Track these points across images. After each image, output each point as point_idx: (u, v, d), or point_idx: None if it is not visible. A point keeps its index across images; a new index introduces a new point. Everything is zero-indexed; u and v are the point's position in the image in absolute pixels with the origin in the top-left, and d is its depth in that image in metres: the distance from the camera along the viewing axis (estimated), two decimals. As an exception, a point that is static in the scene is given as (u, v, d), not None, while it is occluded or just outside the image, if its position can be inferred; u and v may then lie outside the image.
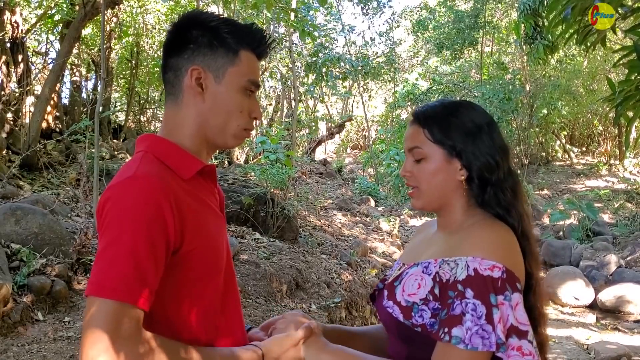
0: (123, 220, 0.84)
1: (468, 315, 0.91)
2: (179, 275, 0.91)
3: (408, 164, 1.10)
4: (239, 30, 1.00)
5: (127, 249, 0.82)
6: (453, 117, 1.07)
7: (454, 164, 1.06)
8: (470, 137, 1.05)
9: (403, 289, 1.03)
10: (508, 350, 0.91)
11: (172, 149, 0.98)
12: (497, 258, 0.94)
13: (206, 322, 0.96)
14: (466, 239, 1.00)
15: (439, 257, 1.02)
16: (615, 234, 8.92)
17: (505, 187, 1.05)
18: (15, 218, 3.28)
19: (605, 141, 15.41)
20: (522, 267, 0.99)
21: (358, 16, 19.82)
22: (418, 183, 1.08)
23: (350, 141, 20.23)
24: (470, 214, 1.07)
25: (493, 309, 0.90)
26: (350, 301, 4.60)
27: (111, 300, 0.80)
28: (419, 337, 0.98)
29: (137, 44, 9.16)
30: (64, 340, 2.56)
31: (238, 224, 5.21)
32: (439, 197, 1.07)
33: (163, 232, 0.86)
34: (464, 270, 0.95)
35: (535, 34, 6.39)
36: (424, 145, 1.07)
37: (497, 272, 0.93)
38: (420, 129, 1.08)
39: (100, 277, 0.82)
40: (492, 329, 0.89)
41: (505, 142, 1.09)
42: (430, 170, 1.06)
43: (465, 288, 0.93)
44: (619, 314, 6.43)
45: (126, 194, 0.87)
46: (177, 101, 1.00)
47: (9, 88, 6.43)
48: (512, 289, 0.93)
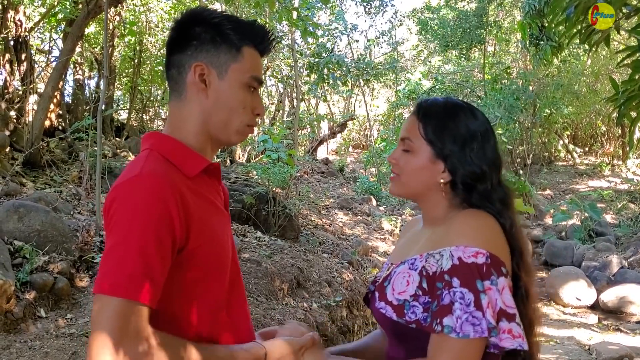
0: (130, 219, 0.85)
1: (457, 304, 0.91)
2: (185, 273, 0.92)
3: (397, 151, 1.12)
4: (241, 27, 1.01)
5: (135, 247, 0.83)
6: (450, 120, 1.07)
7: (437, 165, 1.07)
8: (460, 143, 1.05)
9: (393, 288, 1.04)
10: (500, 333, 0.91)
11: (178, 147, 0.98)
12: (480, 244, 0.95)
13: (212, 319, 0.97)
14: (449, 229, 1.01)
15: (424, 251, 1.03)
16: (617, 234, 8.90)
17: (493, 198, 1.04)
18: (18, 215, 3.29)
19: (609, 141, 15.36)
20: (506, 251, 0.99)
21: (361, 15, 19.77)
22: (400, 172, 1.10)
23: (352, 140, 20.22)
24: (453, 209, 1.07)
25: (481, 295, 0.91)
26: (351, 300, 4.60)
27: (119, 298, 0.80)
28: (415, 333, 0.99)
29: (140, 43, 9.17)
30: (66, 337, 2.57)
31: (240, 223, 5.22)
32: (417, 191, 1.10)
33: (170, 230, 0.87)
34: (449, 260, 0.96)
35: (542, 35, 6.36)
36: (415, 139, 1.08)
37: (482, 258, 0.94)
38: (417, 122, 1.09)
39: (108, 275, 0.82)
40: (482, 315, 0.90)
41: (499, 153, 1.09)
42: (414, 164, 1.08)
43: (451, 277, 0.94)
44: (621, 314, 6.41)
45: (133, 192, 0.87)
46: (181, 97, 1.00)
47: (13, 86, 6.45)
48: (498, 274, 0.94)
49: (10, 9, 6.24)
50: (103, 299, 0.81)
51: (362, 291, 4.80)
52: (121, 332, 0.79)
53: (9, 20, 6.26)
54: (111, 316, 0.79)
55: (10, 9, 6.25)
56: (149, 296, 0.83)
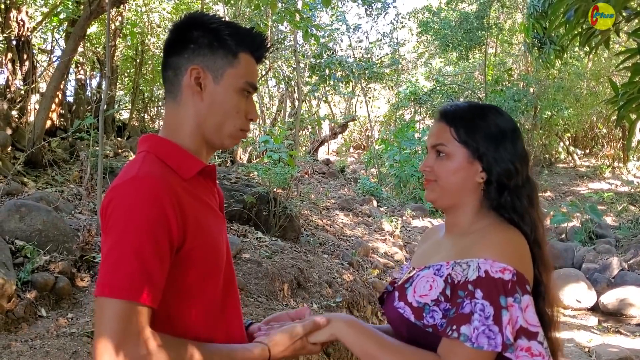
0: (127, 221, 0.86)
1: (476, 314, 0.93)
2: (180, 274, 0.93)
3: (430, 159, 1.12)
4: (239, 33, 1.02)
5: (133, 248, 0.84)
6: (480, 120, 1.09)
7: (475, 165, 1.08)
8: (493, 141, 1.07)
9: (414, 290, 1.05)
10: (517, 351, 0.92)
11: (174, 149, 1.00)
12: (508, 261, 0.96)
13: (206, 320, 0.98)
14: (478, 241, 1.02)
15: (451, 259, 1.04)
16: (618, 236, 8.89)
17: (522, 194, 1.07)
18: (19, 215, 3.30)
19: (609, 143, 15.35)
20: (531, 271, 1.01)
21: (362, 17, 19.78)
22: (437, 178, 1.10)
23: (353, 141, 20.22)
24: (480, 217, 1.09)
25: (502, 311, 0.92)
26: (351, 301, 4.60)
27: (120, 300, 0.81)
28: (429, 337, 1.00)
29: (141, 43, 9.18)
30: (67, 336, 2.58)
31: (240, 223, 5.22)
32: (454, 195, 1.09)
33: (166, 231, 0.88)
34: (475, 272, 0.96)
35: (545, 38, 6.36)
36: (449, 144, 1.09)
37: (508, 275, 0.95)
38: (447, 127, 1.10)
39: (108, 277, 0.83)
40: (499, 330, 0.91)
41: (525, 149, 1.11)
42: (451, 168, 1.08)
43: (475, 288, 0.95)
44: (621, 317, 6.41)
45: (129, 194, 0.88)
46: (176, 100, 1.02)
47: (15, 85, 6.46)
48: (522, 292, 0.95)
49: (13, 8, 6.26)
50: (104, 302, 0.82)
51: (363, 292, 4.80)
52: (123, 334, 0.80)
53: (12, 19, 6.27)
54: (112, 318, 0.80)
55: (13, 9, 6.26)
56: (149, 297, 0.84)
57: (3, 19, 6.28)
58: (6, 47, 6.40)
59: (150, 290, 0.84)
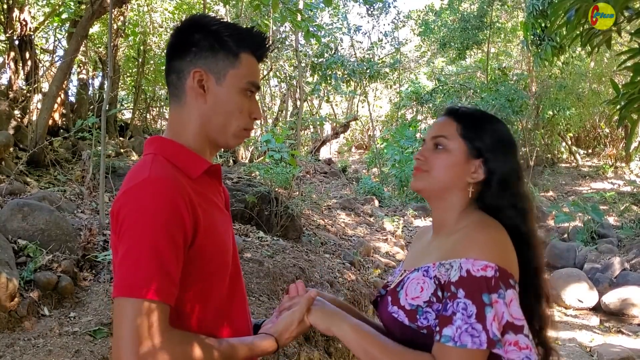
0: (145, 222, 0.87)
1: (458, 314, 0.93)
2: (189, 272, 0.94)
3: (426, 150, 1.12)
4: (239, 33, 1.03)
5: (152, 249, 0.85)
6: (487, 123, 1.11)
7: (470, 165, 1.08)
8: (502, 146, 1.09)
9: (406, 293, 1.06)
10: (505, 346, 0.93)
11: (180, 150, 1.01)
12: (490, 257, 0.96)
13: (214, 317, 1.00)
14: (460, 241, 1.03)
15: (437, 260, 1.04)
16: (620, 236, 8.88)
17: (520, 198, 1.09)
18: (22, 214, 3.31)
19: (612, 143, 15.32)
20: (515, 264, 1.01)
21: (364, 16, 19.76)
22: (430, 169, 1.10)
23: (355, 141, 20.22)
24: (465, 216, 1.09)
25: (486, 308, 0.93)
26: (352, 300, 4.61)
27: (138, 299, 0.83)
28: (424, 339, 1.01)
29: (143, 42, 9.20)
30: (69, 335, 2.59)
31: (242, 223, 5.23)
32: (443, 189, 1.10)
33: (181, 230, 0.89)
34: (457, 272, 0.97)
35: (544, 36, 6.37)
36: (451, 138, 1.10)
37: (490, 272, 0.95)
38: (453, 123, 1.11)
39: (127, 277, 0.85)
40: (482, 328, 0.91)
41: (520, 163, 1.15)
42: (448, 162, 1.09)
43: (457, 289, 0.96)
44: (622, 316, 6.40)
45: (144, 195, 0.89)
46: (181, 102, 1.03)
47: (17, 85, 6.48)
48: (506, 286, 0.95)
49: (16, 8, 6.28)
50: (122, 302, 0.83)
51: (364, 292, 4.81)
52: (142, 332, 0.81)
53: (14, 19, 6.29)
54: (131, 317, 0.82)
55: (15, 9, 6.28)
56: (167, 295, 0.86)
57: (6, 18, 6.31)
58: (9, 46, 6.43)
59: (169, 289, 0.86)
